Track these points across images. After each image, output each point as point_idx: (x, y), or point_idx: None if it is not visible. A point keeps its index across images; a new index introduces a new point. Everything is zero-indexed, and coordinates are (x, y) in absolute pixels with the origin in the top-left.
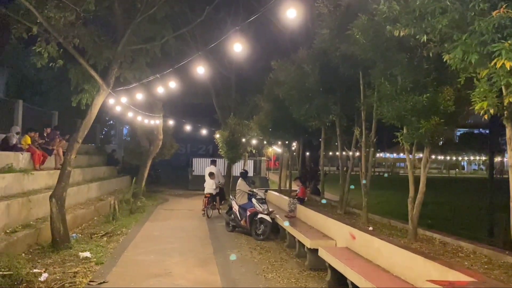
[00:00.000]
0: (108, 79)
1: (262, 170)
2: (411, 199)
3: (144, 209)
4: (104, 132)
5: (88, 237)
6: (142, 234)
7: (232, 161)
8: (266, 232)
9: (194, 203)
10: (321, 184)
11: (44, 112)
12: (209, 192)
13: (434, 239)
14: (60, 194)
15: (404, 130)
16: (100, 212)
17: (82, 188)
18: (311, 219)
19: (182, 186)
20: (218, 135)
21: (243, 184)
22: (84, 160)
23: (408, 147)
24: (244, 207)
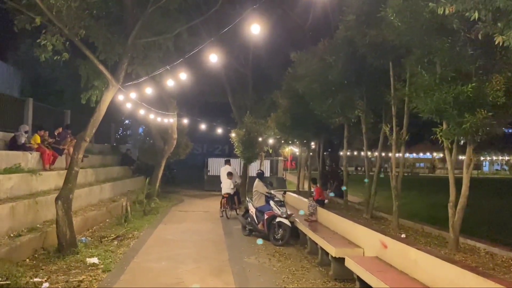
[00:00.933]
0: (117, 74)
1: (279, 171)
2: (452, 203)
3: (158, 210)
4: (120, 132)
5: (97, 240)
6: (154, 237)
7: (248, 161)
8: (285, 237)
9: (209, 204)
10: (345, 185)
11: (55, 110)
12: (227, 192)
13: (478, 249)
14: (66, 196)
15: (444, 126)
16: (112, 214)
17: (94, 189)
18: (335, 224)
19: (198, 187)
20: (233, 134)
21: (260, 185)
22: (97, 160)
23: (448, 145)
24: (261, 210)
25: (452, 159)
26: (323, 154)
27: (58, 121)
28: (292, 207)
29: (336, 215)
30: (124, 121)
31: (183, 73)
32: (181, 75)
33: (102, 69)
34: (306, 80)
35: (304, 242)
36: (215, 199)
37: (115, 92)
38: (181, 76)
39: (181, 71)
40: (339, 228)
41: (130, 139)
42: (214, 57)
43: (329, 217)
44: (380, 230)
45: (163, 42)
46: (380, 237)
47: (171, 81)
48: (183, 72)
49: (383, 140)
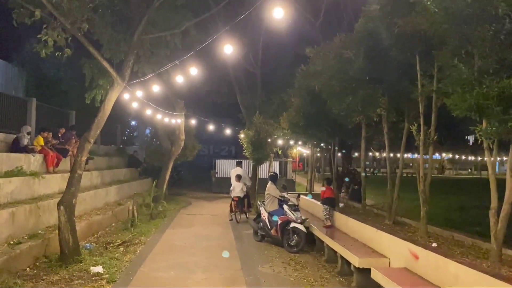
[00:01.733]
0: (123, 71)
1: (288, 172)
2: (494, 211)
3: (165, 214)
4: (126, 133)
5: (103, 246)
6: (162, 243)
7: (258, 163)
8: (300, 244)
9: (218, 207)
10: (363, 188)
11: (60, 111)
12: (238, 195)
13: None
14: (69, 201)
15: (484, 124)
16: (118, 218)
17: (99, 192)
18: (355, 230)
19: (205, 189)
20: (242, 135)
21: (272, 189)
22: (103, 162)
23: (489, 145)
24: (274, 214)
25: (493, 160)
26: (337, 155)
27: (62, 122)
28: (305, 211)
29: (356, 220)
30: (131, 123)
31: (191, 69)
32: (190, 70)
33: (106, 66)
34: (323, 77)
35: (320, 249)
36: (223, 202)
37: (121, 91)
38: (190, 71)
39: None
40: (360, 235)
41: (136, 140)
42: (228, 48)
43: (348, 223)
44: (407, 238)
45: (170, 39)
46: (410, 247)
47: (180, 77)
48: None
49: (405, 140)
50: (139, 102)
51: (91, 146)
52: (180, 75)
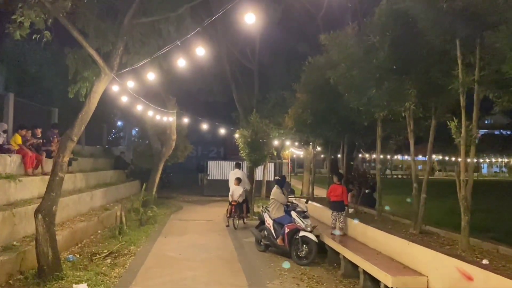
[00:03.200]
0: (111, 60)
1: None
2: None
3: (155, 219)
4: (112, 134)
5: (87, 258)
6: (154, 254)
7: (255, 164)
8: (311, 255)
9: (212, 211)
10: (378, 192)
11: (41, 108)
12: (236, 200)
13: None
14: (48, 208)
15: None
16: (105, 224)
17: (84, 196)
18: (377, 241)
19: (195, 191)
20: (238, 135)
21: (278, 193)
22: (88, 164)
23: None
24: (280, 221)
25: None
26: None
27: (44, 120)
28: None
29: (380, 230)
30: (117, 123)
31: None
32: (181, 62)
33: (92, 54)
34: (341, 67)
35: (333, 260)
36: (216, 206)
37: (108, 83)
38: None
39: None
40: (385, 247)
41: (123, 141)
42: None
43: (368, 232)
44: (449, 252)
45: (163, 26)
46: (458, 264)
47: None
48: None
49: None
50: (128, 96)
51: (75, 145)
52: (172, 67)
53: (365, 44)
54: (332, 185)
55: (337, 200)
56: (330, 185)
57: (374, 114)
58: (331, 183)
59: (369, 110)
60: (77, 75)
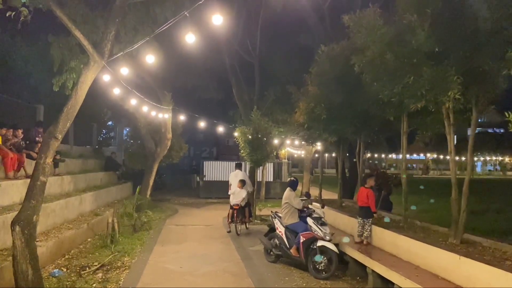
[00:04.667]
0: (102, 46)
1: (284, 175)
2: None
3: (150, 225)
4: (103, 134)
5: (75, 273)
6: (151, 267)
7: (257, 164)
8: (331, 268)
9: (210, 215)
10: (404, 194)
11: (24, 105)
12: (238, 203)
13: None
14: (27, 219)
15: None
16: (95, 231)
17: (72, 200)
18: (413, 253)
19: (190, 193)
20: (237, 133)
21: (292, 197)
22: (77, 165)
23: None
24: (294, 229)
25: None
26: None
27: (28, 118)
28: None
29: (412, 239)
30: (107, 122)
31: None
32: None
33: (79, 37)
34: (370, 51)
35: (356, 273)
36: (214, 209)
37: (98, 72)
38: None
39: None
40: (423, 261)
41: (114, 141)
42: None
43: (399, 242)
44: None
45: (159, 11)
46: None
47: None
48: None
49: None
50: (120, 88)
51: (63, 146)
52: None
53: (399, 24)
54: (360, 188)
55: (362, 206)
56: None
57: (409, 106)
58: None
59: (402, 101)
60: (63, 66)
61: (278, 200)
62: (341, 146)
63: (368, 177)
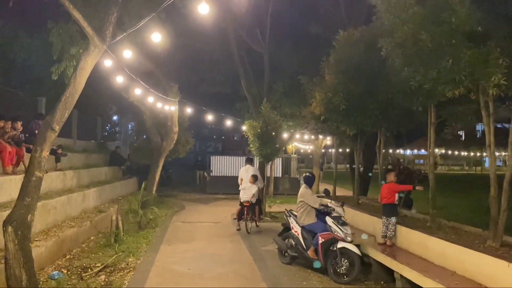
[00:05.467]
0: (103, 30)
1: (292, 170)
2: None
3: (156, 222)
4: (107, 128)
5: (76, 275)
6: (158, 269)
7: (267, 159)
8: (354, 272)
9: (217, 212)
10: (430, 191)
11: (25, 97)
12: (248, 200)
13: None
14: (21, 219)
15: None
16: (98, 229)
17: (74, 196)
18: (445, 256)
19: (196, 189)
20: (246, 127)
21: (308, 195)
22: (80, 160)
23: None
24: (311, 229)
25: None
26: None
27: (29, 110)
28: None
29: (446, 241)
30: (112, 117)
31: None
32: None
33: (78, 18)
34: (402, 32)
35: (380, 276)
36: (221, 205)
37: (99, 57)
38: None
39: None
40: (460, 265)
41: (119, 136)
42: None
43: (429, 244)
44: None
45: None
46: None
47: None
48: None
49: None
50: (124, 77)
51: (65, 140)
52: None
53: (435, 1)
54: (383, 185)
55: (386, 203)
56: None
57: (442, 94)
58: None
59: (434, 89)
60: (64, 54)
61: (287, 196)
62: (358, 139)
63: (388, 172)
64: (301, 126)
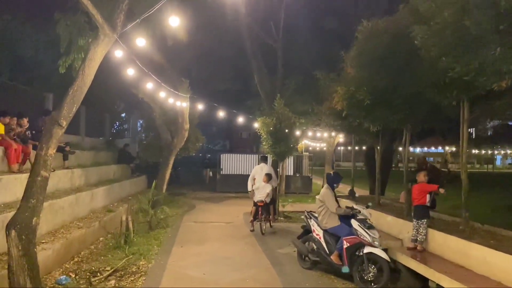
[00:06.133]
0: (114, 18)
1: (305, 169)
2: None
3: (167, 222)
4: (116, 126)
5: (85, 279)
6: (170, 273)
7: (280, 158)
8: (383, 279)
9: (229, 211)
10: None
11: (32, 93)
12: (262, 200)
13: None
14: (26, 222)
15: None
16: (108, 229)
17: (83, 196)
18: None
19: (205, 187)
20: (259, 124)
21: (330, 197)
22: (88, 158)
23: None
24: (335, 233)
25: None
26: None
27: (36, 107)
28: None
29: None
30: (121, 114)
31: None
32: None
33: (87, 5)
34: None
35: (409, 283)
36: (233, 204)
37: (109, 47)
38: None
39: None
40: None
41: (128, 133)
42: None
43: (469, 251)
44: None
45: None
46: None
47: None
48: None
49: None
50: (135, 71)
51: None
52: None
53: None
54: (413, 186)
55: (417, 205)
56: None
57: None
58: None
59: (477, 80)
60: (71, 47)
61: (298, 195)
62: (380, 137)
63: (418, 172)
64: (313, 123)
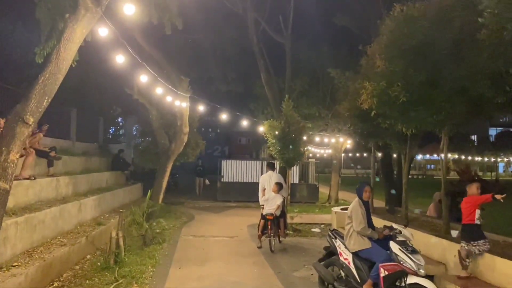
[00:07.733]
0: None
1: (311, 176)
2: None
3: (163, 236)
4: (111, 131)
5: None
6: None
7: (289, 165)
8: None
9: (231, 223)
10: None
11: (16, 91)
12: (272, 213)
13: None
14: None
15: None
16: (96, 245)
17: (69, 207)
18: None
19: (204, 195)
20: (266, 127)
21: (357, 211)
22: (78, 164)
23: None
24: (368, 257)
25: None
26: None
27: None
28: None
29: None
30: (116, 118)
31: None
32: None
33: None
34: None
35: None
36: (234, 214)
37: (91, 26)
38: None
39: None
40: None
41: (123, 138)
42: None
43: None
44: None
45: None
46: None
47: None
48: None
49: None
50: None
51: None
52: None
53: None
54: (463, 199)
55: (465, 223)
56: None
57: None
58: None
59: None
60: (53, 32)
61: (304, 204)
62: (408, 142)
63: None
64: (319, 128)
